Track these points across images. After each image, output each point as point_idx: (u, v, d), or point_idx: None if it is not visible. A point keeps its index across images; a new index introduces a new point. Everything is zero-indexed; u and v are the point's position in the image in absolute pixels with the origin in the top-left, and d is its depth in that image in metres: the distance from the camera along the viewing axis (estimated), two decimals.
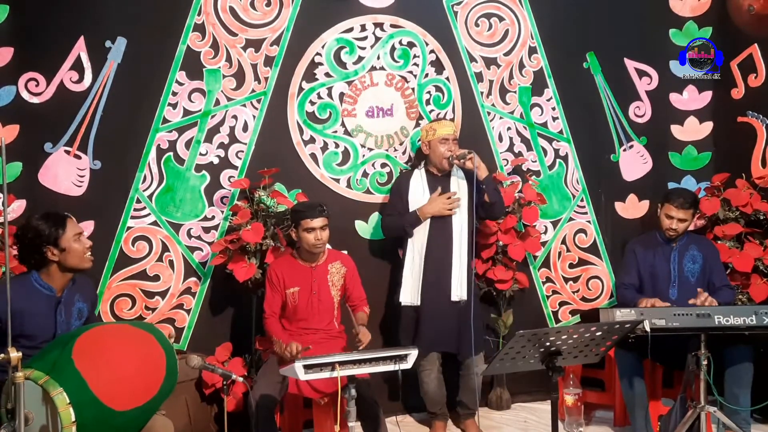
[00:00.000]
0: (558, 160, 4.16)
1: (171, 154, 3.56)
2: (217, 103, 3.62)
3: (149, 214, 3.53)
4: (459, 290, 3.38)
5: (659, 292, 3.45)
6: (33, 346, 2.41)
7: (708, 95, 4.28)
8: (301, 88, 3.74)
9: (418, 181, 3.52)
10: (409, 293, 3.43)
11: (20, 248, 2.51)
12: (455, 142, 3.52)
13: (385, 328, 3.79)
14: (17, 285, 2.41)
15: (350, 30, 3.80)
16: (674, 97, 4.29)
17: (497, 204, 3.50)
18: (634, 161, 4.26)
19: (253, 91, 3.67)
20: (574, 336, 2.36)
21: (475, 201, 3.43)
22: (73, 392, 2.09)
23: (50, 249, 2.47)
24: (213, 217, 3.62)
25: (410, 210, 3.47)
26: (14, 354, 1.91)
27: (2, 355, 1.94)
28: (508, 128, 4.08)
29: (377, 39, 3.84)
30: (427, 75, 3.93)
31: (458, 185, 3.50)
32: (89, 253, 2.58)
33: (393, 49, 3.87)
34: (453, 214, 3.42)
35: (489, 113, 4.04)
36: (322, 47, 3.76)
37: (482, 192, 3.42)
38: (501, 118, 4.07)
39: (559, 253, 4.17)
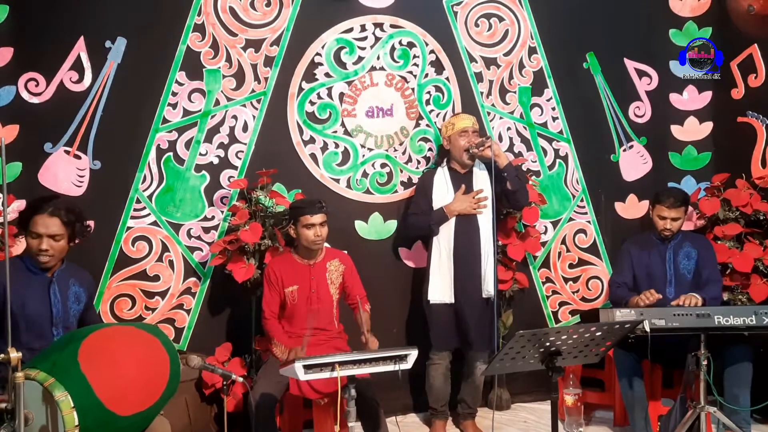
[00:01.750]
0: (558, 161, 4.16)
1: (171, 154, 3.56)
2: (217, 103, 3.62)
3: (149, 214, 3.53)
4: (489, 286, 3.39)
5: (656, 291, 3.44)
6: (33, 331, 2.48)
7: (708, 95, 4.28)
8: (301, 89, 3.74)
9: (442, 179, 3.52)
10: (440, 291, 3.42)
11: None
12: (476, 134, 3.52)
13: (394, 326, 3.82)
14: (10, 268, 2.43)
15: (350, 30, 3.80)
16: (674, 97, 4.29)
17: (520, 191, 3.47)
18: (634, 161, 4.26)
19: (253, 91, 3.68)
20: (574, 336, 2.36)
21: (495, 192, 3.41)
22: (77, 396, 2.09)
23: (25, 235, 2.57)
24: (213, 218, 3.62)
25: (434, 208, 3.47)
26: (14, 354, 1.91)
27: (2, 355, 1.94)
28: (508, 128, 4.08)
29: (377, 39, 3.84)
30: (427, 75, 3.93)
31: (482, 181, 3.49)
32: (41, 255, 2.54)
33: (393, 49, 3.87)
34: (479, 213, 3.41)
35: (489, 113, 4.04)
36: (322, 47, 3.76)
37: (504, 180, 3.40)
38: (501, 118, 4.07)
39: (559, 254, 4.17)
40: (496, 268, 3.48)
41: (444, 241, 3.44)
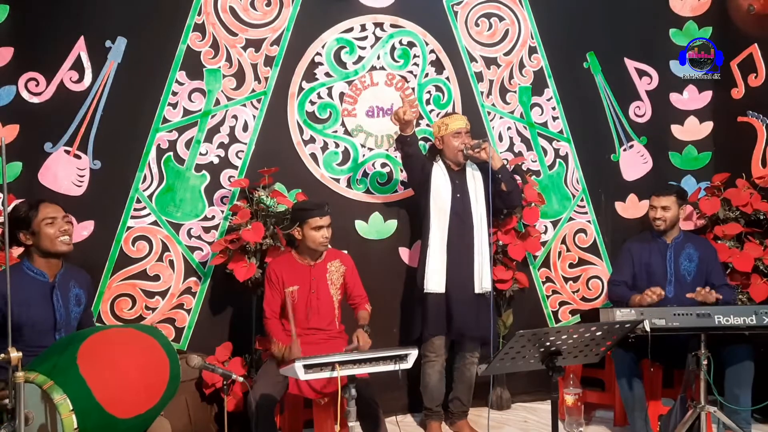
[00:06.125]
0: (558, 160, 4.16)
1: (171, 153, 3.56)
2: (217, 102, 3.62)
3: (149, 213, 3.53)
4: (483, 282, 3.42)
5: None
6: (36, 336, 2.45)
7: (708, 95, 4.28)
8: (301, 88, 3.74)
9: (440, 173, 3.51)
10: (432, 281, 3.42)
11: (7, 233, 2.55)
12: (468, 134, 3.53)
13: (394, 326, 3.83)
14: (10, 275, 2.42)
15: (350, 30, 3.80)
16: (674, 97, 4.29)
17: (514, 192, 3.56)
18: (634, 161, 4.26)
19: (253, 90, 3.68)
20: (574, 336, 2.36)
21: (491, 191, 3.44)
22: (76, 399, 2.08)
23: (23, 233, 2.52)
24: (213, 217, 3.62)
25: (432, 197, 3.46)
26: (14, 354, 1.91)
27: (2, 355, 1.93)
28: (508, 128, 4.08)
29: (377, 39, 3.84)
30: (427, 75, 3.93)
31: (476, 179, 3.53)
32: (64, 236, 2.55)
33: (393, 48, 3.87)
34: (410, 114, 3.30)
35: (489, 113, 4.04)
36: (322, 47, 3.76)
37: (498, 181, 3.48)
38: (501, 117, 4.07)
39: (559, 253, 4.17)
40: (491, 263, 3.49)
41: (438, 233, 3.45)
